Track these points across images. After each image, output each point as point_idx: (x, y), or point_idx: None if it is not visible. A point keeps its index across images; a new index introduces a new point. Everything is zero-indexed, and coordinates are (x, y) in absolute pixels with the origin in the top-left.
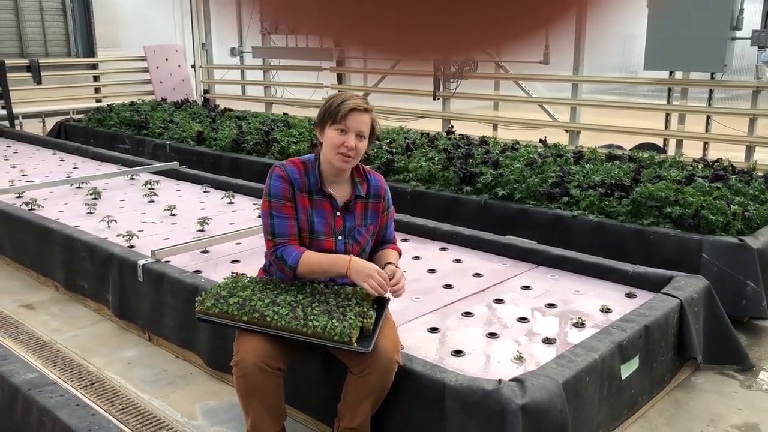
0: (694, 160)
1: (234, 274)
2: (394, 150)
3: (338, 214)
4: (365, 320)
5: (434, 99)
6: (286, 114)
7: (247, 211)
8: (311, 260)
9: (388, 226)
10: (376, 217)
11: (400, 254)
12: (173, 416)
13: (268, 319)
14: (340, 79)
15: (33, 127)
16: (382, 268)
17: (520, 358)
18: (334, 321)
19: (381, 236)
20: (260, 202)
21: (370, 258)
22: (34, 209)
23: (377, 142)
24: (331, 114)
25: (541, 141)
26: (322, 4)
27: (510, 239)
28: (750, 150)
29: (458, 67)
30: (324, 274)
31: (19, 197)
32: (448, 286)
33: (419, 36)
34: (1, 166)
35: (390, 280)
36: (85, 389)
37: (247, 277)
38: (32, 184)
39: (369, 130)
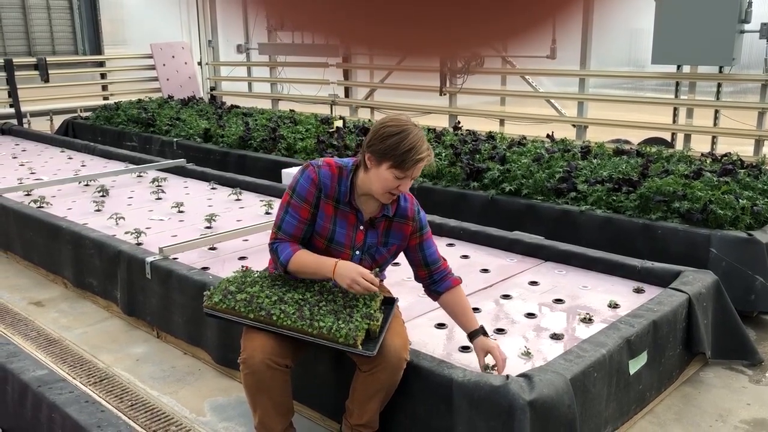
0: (702, 154)
1: (243, 268)
2: None
3: (361, 228)
4: (372, 322)
5: (441, 94)
6: (293, 110)
7: (254, 208)
8: (301, 260)
9: (427, 247)
10: (400, 239)
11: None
12: (182, 412)
13: (274, 318)
14: (346, 75)
15: (41, 125)
16: (470, 336)
17: (527, 354)
18: (340, 322)
19: (421, 258)
20: (267, 198)
21: (436, 297)
22: (42, 207)
23: None
24: (397, 158)
25: (548, 136)
26: (324, 4)
27: (517, 235)
28: (759, 144)
29: (465, 62)
30: (311, 276)
31: (27, 195)
32: None
33: (424, 33)
34: (10, 164)
35: (489, 358)
36: (94, 386)
37: (256, 272)
38: (41, 182)
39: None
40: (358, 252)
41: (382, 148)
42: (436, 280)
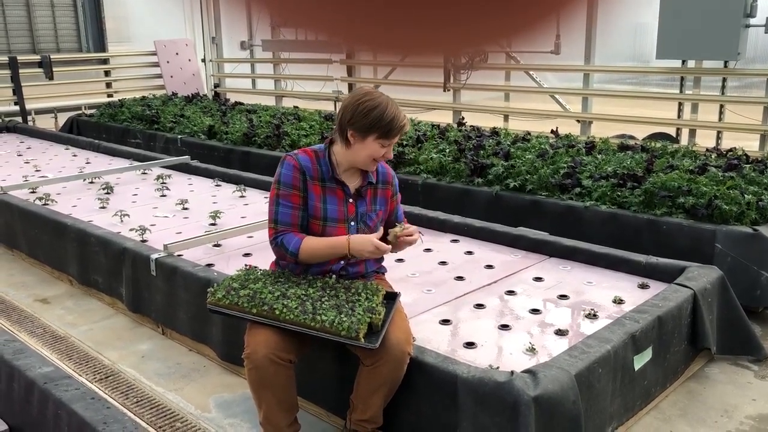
0: (707, 149)
1: (247, 267)
2: (404, 142)
3: (350, 200)
4: (374, 316)
5: (445, 90)
6: (297, 107)
7: (258, 205)
8: (312, 245)
9: (398, 209)
10: (384, 203)
11: None
12: (187, 409)
13: (277, 312)
14: (350, 71)
15: (45, 122)
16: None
17: (532, 350)
18: (342, 316)
19: (393, 221)
20: None
21: (385, 233)
22: (47, 204)
23: None
24: (383, 129)
25: (552, 132)
26: (324, 4)
27: (521, 231)
28: (764, 139)
29: (469, 58)
30: (326, 257)
31: (32, 193)
32: (460, 278)
33: (427, 32)
34: (15, 161)
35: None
36: (99, 382)
37: (259, 270)
38: (46, 180)
39: None
40: (353, 223)
41: (366, 122)
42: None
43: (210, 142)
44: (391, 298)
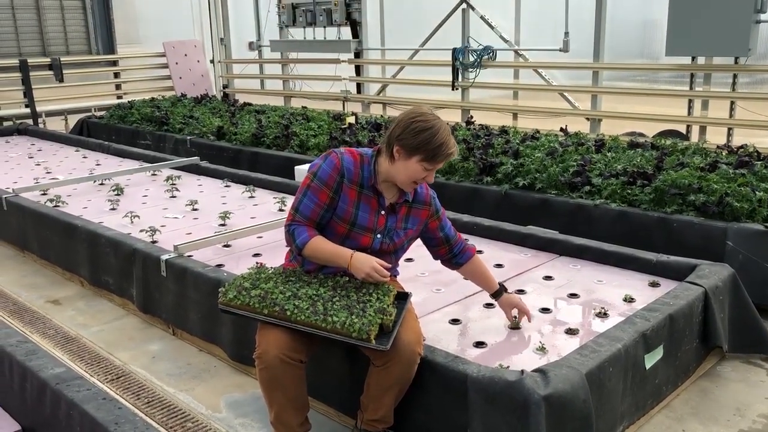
0: (717, 146)
1: (258, 265)
2: None
3: (383, 212)
4: (385, 317)
5: (453, 89)
6: (305, 107)
7: (267, 205)
8: (317, 247)
9: (446, 227)
10: (416, 223)
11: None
12: (198, 409)
13: (288, 313)
14: (358, 71)
15: (56, 124)
16: (495, 295)
17: (542, 349)
18: (353, 317)
19: (443, 237)
20: (280, 195)
21: (457, 268)
22: (58, 206)
23: None
24: (429, 153)
25: (561, 129)
26: None
27: (531, 229)
28: None
29: (477, 56)
30: (325, 262)
31: (43, 194)
32: None
33: None
34: (26, 163)
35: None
36: (111, 383)
37: (270, 269)
38: (56, 182)
39: None
40: (379, 235)
41: (415, 143)
42: (456, 254)
43: (219, 143)
44: (402, 298)
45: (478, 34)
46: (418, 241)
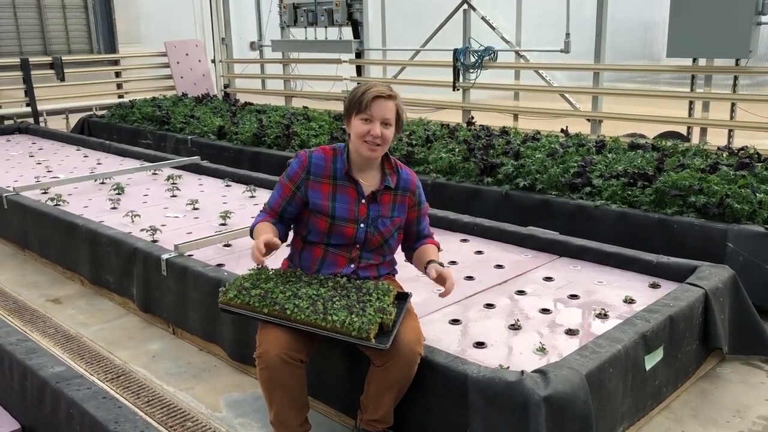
0: (718, 148)
1: (259, 266)
2: (414, 142)
3: (363, 201)
4: (385, 316)
5: (454, 90)
6: (306, 107)
7: None
8: (256, 229)
9: (422, 221)
10: (403, 210)
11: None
12: (198, 408)
13: (288, 312)
14: (359, 71)
15: (57, 123)
16: (425, 266)
17: (542, 350)
18: (353, 316)
19: (415, 232)
20: None
21: (411, 254)
22: (59, 205)
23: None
24: (356, 104)
25: (562, 130)
26: None
27: (531, 230)
28: None
29: (478, 57)
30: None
31: (44, 193)
32: (470, 278)
33: None
34: (27, 162)
35: (436, 278)
36: (111, 382)
37: (271, 270)
38: (57, 180)
39: (394, 117)
40: (362, 225)
41: (347, 105)
42: (416, 248)
43: (220, 143)
44: (402, 298)
45: (479, 35)
46: None
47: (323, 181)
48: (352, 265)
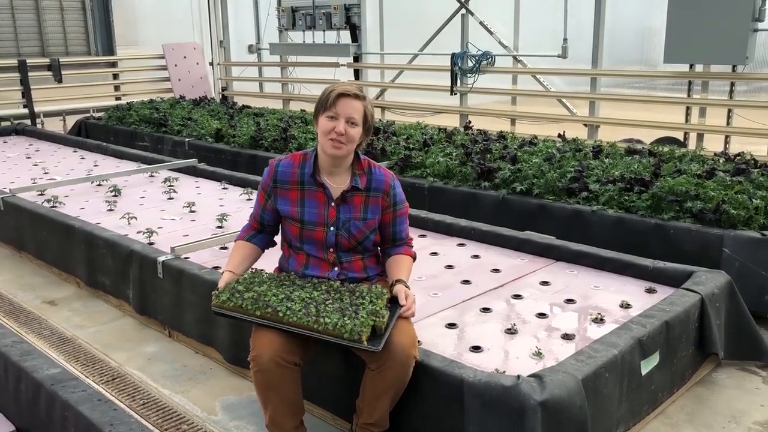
0: (715, 153)
1: (253, 270)
2: (411, 146)
3: (332, 204)
4: (377, 319)
5: (452, 94)
6: (304, 110)
7: None
8: (233, 250)
9: (398, 223)
10: (377, 212)
11: (414, 258)
12: (193, 411)
13: (281, 315)
14: (357, 75)
15: (54, 125)
16: (392, 285)
17: (539, 354)
18: (346, 319)
19: (390, 234)
20: None
21: (386, 258)
22: (55, 207)
23: (394, 137)
24: (322, 102)
25: (559, 135)
26: None
27: (528, 234)
28: None
29: (476, 61)
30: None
31: (41, 195)
32: (466, 282)
33: None
34: (24, 164)
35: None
36: (106, 384)
37: (265, 274)
38: (54, 182)
39: (361, 117)
40: (332, 228)
41: (315, 106)
42: (391, 254)
43: (217, 145)
44: (396, 302)
45: (477, 40)
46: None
47: (291, 188)
48: (336, 268)
